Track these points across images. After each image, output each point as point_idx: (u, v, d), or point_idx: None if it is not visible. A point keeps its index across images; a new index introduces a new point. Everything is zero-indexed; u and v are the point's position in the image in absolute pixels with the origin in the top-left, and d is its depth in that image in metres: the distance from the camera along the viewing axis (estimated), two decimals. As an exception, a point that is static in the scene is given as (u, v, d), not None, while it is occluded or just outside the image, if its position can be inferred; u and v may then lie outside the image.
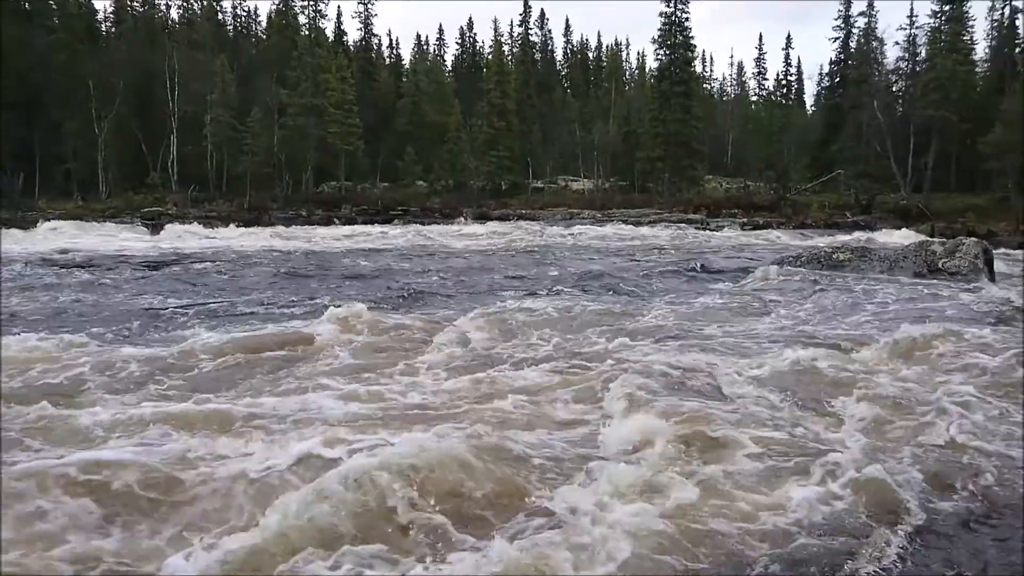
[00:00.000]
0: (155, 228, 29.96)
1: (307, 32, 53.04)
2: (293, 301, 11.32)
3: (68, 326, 8.54)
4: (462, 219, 39.06)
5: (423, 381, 6.18)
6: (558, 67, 75.86)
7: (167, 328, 8.83)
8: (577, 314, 9.51)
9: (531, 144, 56.71)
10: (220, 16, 61.86)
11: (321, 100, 46.70)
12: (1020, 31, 51.01)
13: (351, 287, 13.70)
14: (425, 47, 76.66)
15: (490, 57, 63.81)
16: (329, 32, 58.52)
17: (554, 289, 13.16)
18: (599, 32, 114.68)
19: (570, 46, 77.13)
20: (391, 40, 75.58)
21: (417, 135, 54.46)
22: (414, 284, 13.93)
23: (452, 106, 54.64)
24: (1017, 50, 50.37)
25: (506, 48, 66.97)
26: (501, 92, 52.77)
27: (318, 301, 11.03)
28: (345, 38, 63.15)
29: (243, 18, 64.76)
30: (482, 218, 39.45)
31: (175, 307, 10.56)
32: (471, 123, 53.72)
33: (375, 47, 68.59)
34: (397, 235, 29.21)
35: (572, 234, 29.99)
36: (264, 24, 63.92)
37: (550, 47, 73.83)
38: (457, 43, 74.58)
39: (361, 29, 64.36)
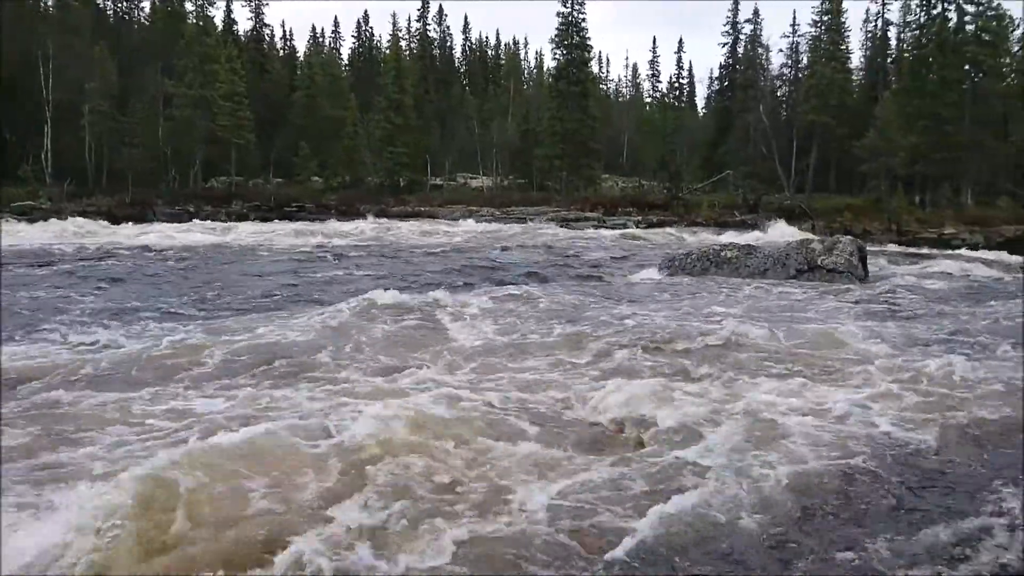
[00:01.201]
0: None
1: (194, 20, 50.83)
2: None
3: None
4: (366, 216, 37.93)
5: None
6: (457, 64, 75.63)
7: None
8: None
9: (430, 141, 56.27)
10: (100, 0, 58.51)
11: (210, 91, 44.81)
12: (892, 43, 54.28)
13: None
14: (320, 40, 74.97)
15: (387, 52, 62.92)
16: (218, 21, 56.29)
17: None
18: (498, 30, 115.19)
19: (469, 43, 77.04)
20: (285, 31, 73.60)
21: (312, 129, 53.12)
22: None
23: (348, 100, 53.58)
24: (889, 60, 53.56)
25: (404, 43, 66.30)
26: (399, 88, 52.09)
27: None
28: (235, 27, 60.95)
29: (125, 3, 61.44)
30: (381, 215, 38.80)
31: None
32: (368, 118, 52.80)
33: (267, 38, 66.56)
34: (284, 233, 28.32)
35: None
36: (147, 10, 60.84)
37: (449, 44, 73.57)
38: (353, 37, 73.32)
39: (252, 19, 62.35)
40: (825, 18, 50.79)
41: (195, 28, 48.01)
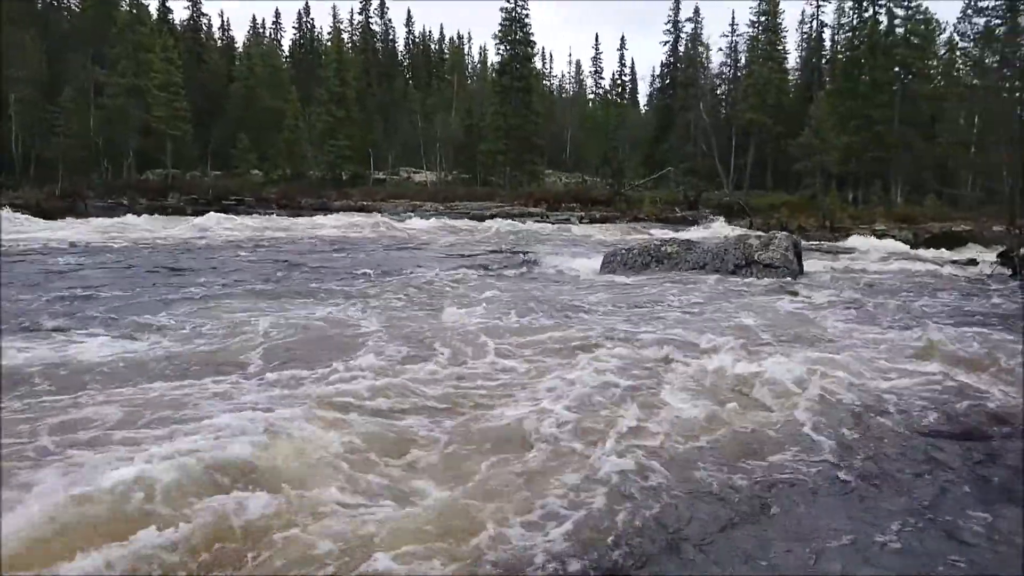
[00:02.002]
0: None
1: (127, 7, 49.30)
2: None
3: None
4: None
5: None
6: (400, 58, 75.02)
7: None
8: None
9: (372, 134, 55.75)
10: (27, -15, 56.22)
11: (144, 81, 43.60)
12: (826, 44, 55.82)
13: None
14: (261, 31, 73.57)
15: (329, 44, 62.05)
16: (153, 9, 54.69)
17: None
18: (441, 25, 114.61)
19: (412, 37, 76.52)
20: (223, 21, 72.06)
21: (252, 121, 52.14)
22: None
23: (289, 93, 52.69)
24: (823, 61, 55.08)
25: (346, 36, 65.49)
26: (341, 80, 51.46)
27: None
28: (171, 16, 59.28)
29: (54, -12, 59.13)
30: (323, 209, 38.25)
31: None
32: (309, 111, 52.04)
33: (204, 27, 64.99)
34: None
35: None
36: (78, -4, 58.68)
37: (391, 37, 72.89)
38: (294, 28, 72.07)
39: (189, 7, 60.76)
40: (762, 18, 52.06)
41: (128, 16, 46.60)
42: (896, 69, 43.70)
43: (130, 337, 7.32)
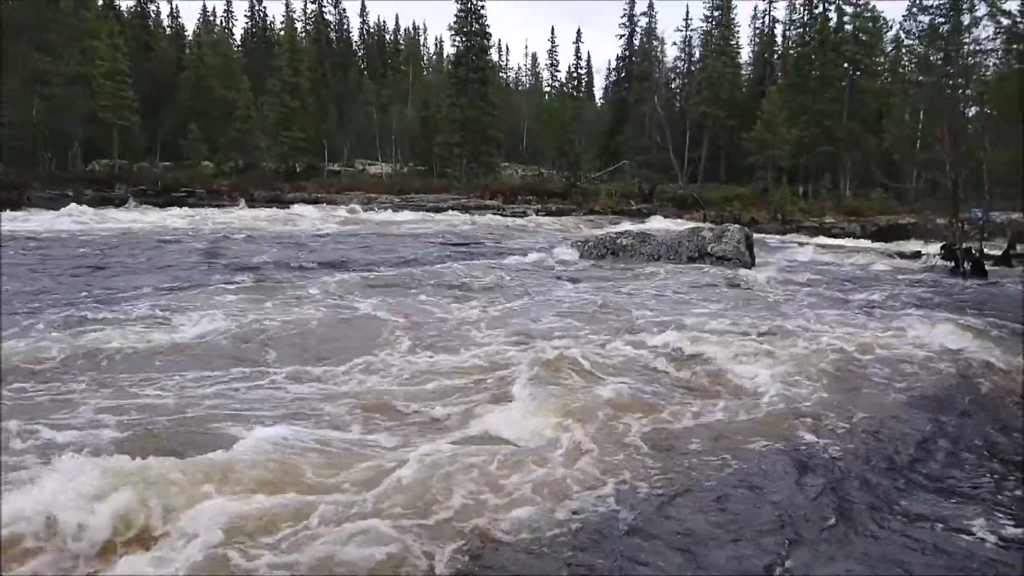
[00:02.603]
0: None
1: (71, -8, 47.73)
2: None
3: None
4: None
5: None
6: (354, 48, 74.13)
7: None
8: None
9: (327, 126, 55.03)
10: (-37, -32, 54.16)
11: (89, 68, 42.35)
12: (778, 40, 56.73)
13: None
14: (212, 18, 71.99)
15: (282, 34, 60.99)
16: (98, -5, 53.06)
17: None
18: (396, 15, 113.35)
19: (367, 27, 75.58)
20: (172, 8, 70.32)
21: (202, 111, 51.00)
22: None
23: (241, 82, 51.67)
24: (775, 57, 55.96)
25: (299, 25, 64.45)
26: (294, 70, 50.61)
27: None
28: (117, 3, 57.67)
29: (-8, -28, 57.06)
30: (275, 201, 37.69)
31: None
32: (262, 101, 51.11)
33: (152, 14, 63.44)
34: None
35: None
36: (19, -20, 56.70)
37: (346, 27, 71.95)
38: (246, 16, 70.65)
39: (136, -6, 59.22)
40: (716, 13, 52.64)
41: (72, 2, 45.14)
42: (845, 65, 44.66)
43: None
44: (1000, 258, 19.55)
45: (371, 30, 75.60)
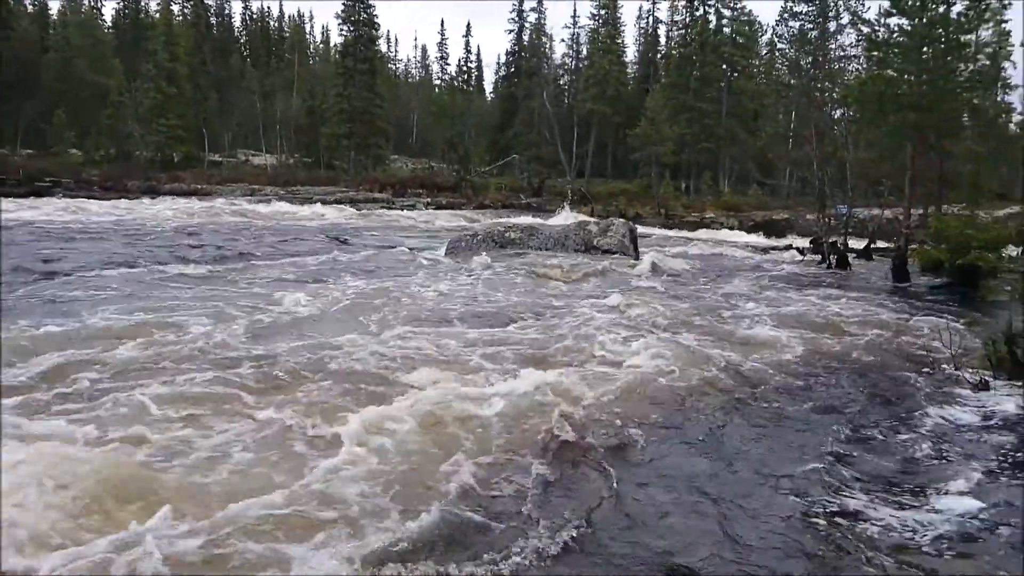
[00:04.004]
0: None
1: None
2: None
3: None
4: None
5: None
6: (236, 34, 71.45)
7: None
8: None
9: (206, 114, 52.81)
10: None
11: (-62, 47, 39.09)
12: (661, 40, 58.47)
13: None
14: (78, -3, 67.55)
15: (157, 16, 58.00)
16: (-52, -33, 48.99)
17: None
18: (280, 2, 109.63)
19: (249, 13, 73.01)
20: (33, -16, 65.33)
21: (69, 96, 47.92)
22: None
23: (113, 66, 48.81)
24: (659, 56, 57.64)
25: (176, 8, 61.44)
26: (170, 54, 48.19)
27: None
28: (-31, -23, 53.31)
29: None
30: (150, 192, 35.86)
31: None
32: (135, 86, 48.43)
33: (11, -9, 58.95)
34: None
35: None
36: None
37: (227, 12, 69.29)
38: (118, -4, 66.73)
39: (-9, -32, 54.86)
40: (602, 12, 53.73)
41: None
42: (724, 66, 46.60)
43: None
44: (862, 251, 20.85)
45: (254, 16, 73.11)
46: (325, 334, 7.21)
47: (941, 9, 18.77)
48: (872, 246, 21.34)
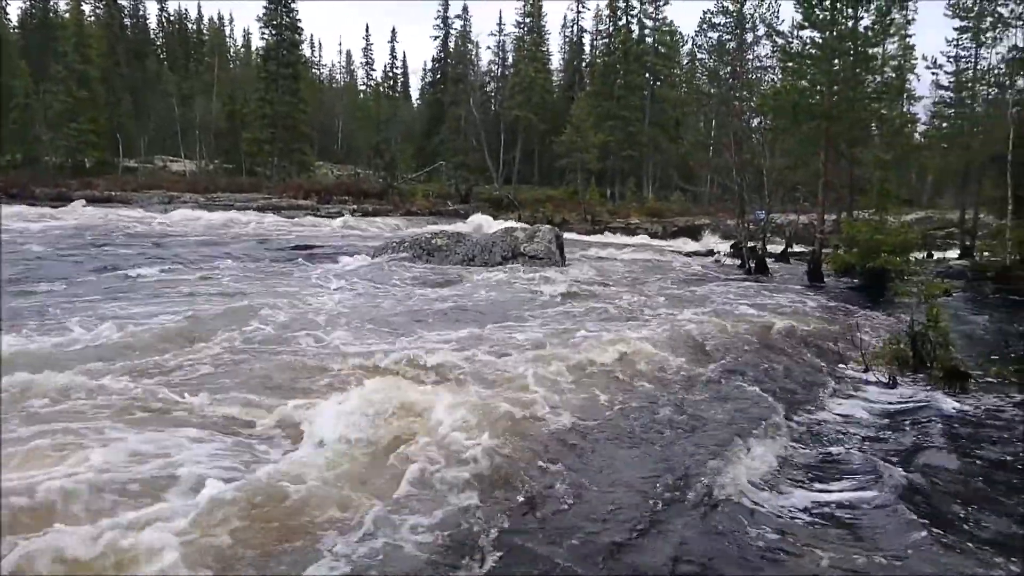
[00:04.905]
0: None
1: None
2: None
3: None
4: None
5: None
6: (152, 36, 69.17)
7: None
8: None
9: (121, 118, 50.94)
10: None
11: None
12: (586, 48, 59.23)
13: None
14: (-21, -5, 64.32)
15: (67, 16, 55.70)
16: None
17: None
18: (199, 4, 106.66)
19: (166, 15, 70.79)
20: (-70, -20, 61.94)
21: (-30, 98, 45.50)
22: None
23: (19, 67, 46.58)
24: (584, 64, 58.39)
25: (87, 8, 59.14)
26: (82, 56, 46.32)
27: None
28: None
29: None
30: (61, 200, 34.31)
31: None
32: (44, 89, 46.32)
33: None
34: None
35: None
36: None
37: (142, 13, 67.01)
38: (24, -6, 63.83)
39: None
40: (527, 20, 54.16)
41: None
42: (647, 75, 47.55)
43: None
44: (780, 255, 21.55)
45: (171, 18, 70.92)
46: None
47: (850, 23, 19.62)
48: (789, 250, 22.08)
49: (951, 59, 31.37)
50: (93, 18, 58.06)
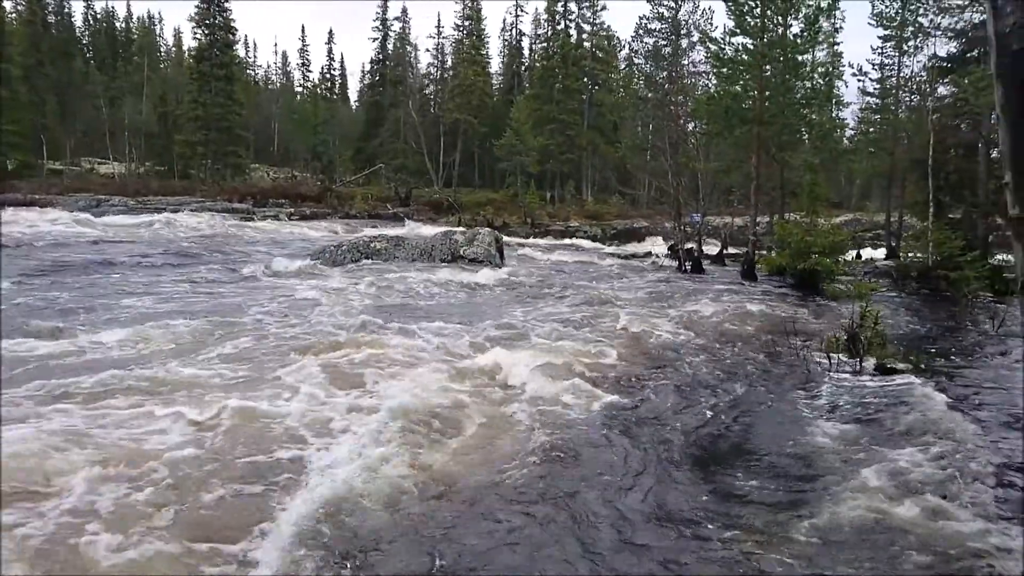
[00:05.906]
0: None
1: None
2: None
3: None
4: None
5: None
6: (78, 34, 66.90)
7: None
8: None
9: (45, 119, 49.13)
10: None
11: None
12: (525, 52, 59.49)
13: None
14: None
15: (-14, 13, 53.45)
16: None
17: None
18: (128, 3, 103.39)
19: (92, 13, 68.57)
20: None
21: None
22: None
23: (-67, 66, 44.45)
24: (523, 68, 58.67)
25: (8, 4, 56.90)
26: (2, 55, 44.50)
27: None
28: None
29: None
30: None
31: None
32: (-38, 89, 44.36)
33: None
34: None
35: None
36: None
37: (67, 10, 64.72)
38: (-62, -10, 61.07)
39: None
40: (467, 23, 54.16)
41: None
42: (585, 79, 48.04)
43: None
44: (716, 257, 21.99)
45: (97, 16, 68.77)
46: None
47: (780, 31, 20.18)
48: (725, 252, 22.55)
49: (876, 67, 32.45)
50: (14, 15, 55.88)
